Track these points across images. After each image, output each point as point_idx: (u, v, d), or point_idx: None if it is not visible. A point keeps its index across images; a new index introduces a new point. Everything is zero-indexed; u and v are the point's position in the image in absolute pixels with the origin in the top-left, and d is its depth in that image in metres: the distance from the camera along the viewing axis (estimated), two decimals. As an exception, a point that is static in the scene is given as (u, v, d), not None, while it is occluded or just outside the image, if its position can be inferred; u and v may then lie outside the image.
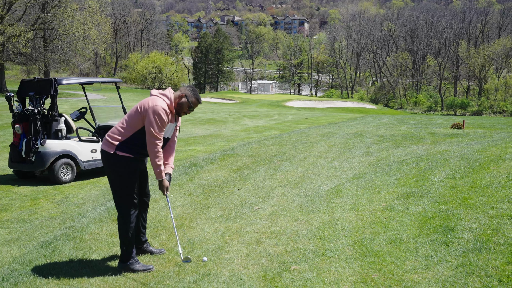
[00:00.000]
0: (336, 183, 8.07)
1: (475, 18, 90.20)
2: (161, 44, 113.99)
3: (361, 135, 14.66)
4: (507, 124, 20.47)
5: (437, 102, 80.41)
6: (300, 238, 5.44)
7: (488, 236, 4.80)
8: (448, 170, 7.87)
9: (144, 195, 5.23)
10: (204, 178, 8.98)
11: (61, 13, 46.31)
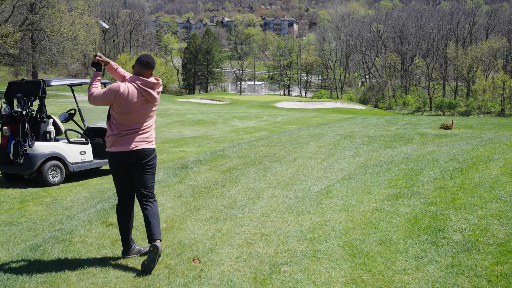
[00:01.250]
0: (326, 184, 8.08)
1: (463, 19, 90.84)
2: (150, 45, 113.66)
3: (351, 136, 14.70)
4: (495, 125, 20.62)
5: (426, 103, 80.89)
6: (291, 240, 5.45)
7: (478, 237, 4.83)
8: (437, 170, 7.92)
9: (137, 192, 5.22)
10: (194, 180, 8.96)
11: (49, 14, 46.02)
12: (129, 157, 5.04)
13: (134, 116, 4.99)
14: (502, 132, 15.75)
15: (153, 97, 5.07)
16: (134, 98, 4.95)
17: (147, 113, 5.08)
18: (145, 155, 5.05)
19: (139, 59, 5.10)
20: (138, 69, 5.08)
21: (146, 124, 5.10)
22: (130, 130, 5.00)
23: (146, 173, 5.12)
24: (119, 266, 4.96)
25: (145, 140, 5.06)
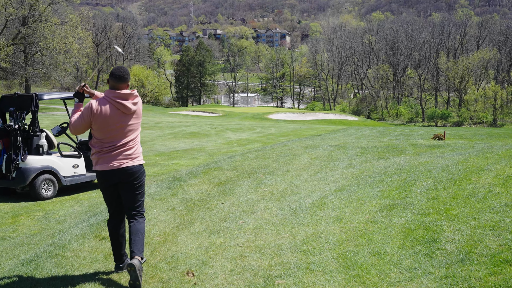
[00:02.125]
0: (320, 196, 8.08)
1: (454, 30, 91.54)
2: (143, 58, 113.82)
3: (344, 147, 14.73)
4: (487, 135, 20.73)
5: (418, 114, 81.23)
6: (285, 252, 5.43)
7: (471, 247, 4.83)
8: (430, 181, 7.94)
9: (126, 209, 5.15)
10: (187, 193, 8.93)
11: (42, 28, 46.08)
12: (114, 176, 4.92)
13: (113, 132, 4.85)
14: (494, 142, 15.84)
15: (128, 108, 4.88)
16: (108, 112, 4.80)
17: (127, 127, 4.92)
18: (131, 173, 4.93)
19: (112, 73, 4.96)
20: (112, 83, 4.93)
21: (128, 140, 4.94)
22: (111, 146, 4.87)
23: (133, 191, 5.01)
24: (112, 280, 4.93)
25: (129, 157, 4.93)
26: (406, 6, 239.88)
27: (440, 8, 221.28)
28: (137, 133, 5.06)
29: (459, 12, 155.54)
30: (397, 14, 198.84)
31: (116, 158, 4.87)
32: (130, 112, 4.92)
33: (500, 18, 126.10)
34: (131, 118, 4.94)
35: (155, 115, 49.68)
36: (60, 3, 50.26)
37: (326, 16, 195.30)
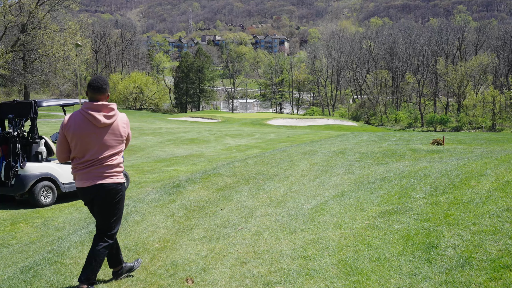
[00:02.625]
0: (319, 202, 8.08)
1: (452, 35, 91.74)
2: (142, 64, 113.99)
3: (343, 153, 14.73)
4: (486, 140, 20.74)
5: (417, 119, 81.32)
6: (284, 258, 5.42)
7: (471, 253, 4.83)
8: (430, 186, 7.93)
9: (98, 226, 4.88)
10: (186, 199, 8.92)
11: (41, 35, 46.15)
12: (90, 193, 4.67)
13: (87, 146, 4.58)
14: (494, 147, 15.85)
15: (98, 120, 4.55)
16: (80, 124, 4.57)
17: (102, 142, 4.61)
18: (106, 190, 4.64)
19: (89, 83, 4.68)
20: (90, 94, 4.66)
21: (104, 156, 4.63)
22: (87, 162, 4.60)
23: (106, 210, 4.73)
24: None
25: (104, 174, 4.63)
26: (404, 12, 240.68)
27: (438, 14, 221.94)
28: (115, 151, 4.72)
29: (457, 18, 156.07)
30: (396, 19, 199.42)
31: (93, 175, 4.61)
32: (101, 125, 4.58)
33: (498, 23, 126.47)
34: (105, 132, 4.63)
35: (154, 121, 49.70)
36: (59, 10, 50.39)
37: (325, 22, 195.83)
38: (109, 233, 4.79)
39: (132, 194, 10.69)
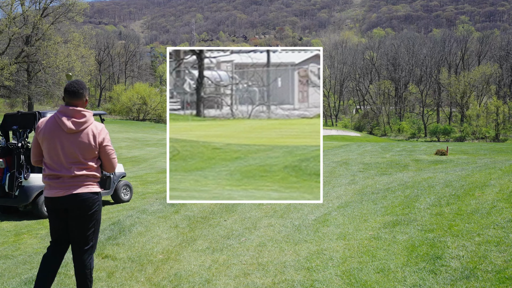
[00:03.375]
0: (323, 212, 8.06)
1: (455, 46, 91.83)
2: (145, 75, 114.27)
3: (346, 163, 14.72)
4: (489, 150, 20.70)
5: (421, 129, 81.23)
6: (288, 269, 5.40)
7: (476, 264, 4.80)
8: (434, 197, 7.91)
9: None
10: (190, 210, 8.91)
11: (45, 46, 46.41)
12: (63, 203, 4.41)
13: (55, 151, 4.37)
14: (497, 157, 15.81)
15: (65, 125, 4.33)
16: (50, 127, 4.41)
17: (69, 148, 4.37)
18: (80, 200, 4.40)
19: (65, 88, 4.50)
20: (66, 99, 4.47)
21: (75, 164, 4.39)
22: (58, 170, 4.38)
23: (83, 222, 4.49)
24: (115, 299, 4.90)
25: (79, 184, 4.40)
26: (407, 23, 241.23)
27: (440, 24, 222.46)
28: (86, 160, 4.44)
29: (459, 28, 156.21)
30: (398, 30, 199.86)
31: (66, 184, 4.37)
32: (68, 130, 4.36)
33: (501, 34, 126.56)
34: (72, 139, 4.39)
35: (157, 132, 49.77)
36: (63, 22, 50.68)
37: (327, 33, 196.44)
38: (85, 247, 4.53)
39: (136, 205, 10.70)
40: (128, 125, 60.10)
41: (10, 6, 45.84)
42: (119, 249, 6.50)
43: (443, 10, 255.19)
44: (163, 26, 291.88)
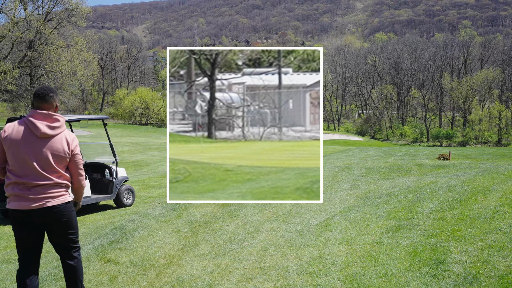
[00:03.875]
0: (325, 217, 8.05)
1: (457, 50, 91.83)
2: (148, 80, 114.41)
3: (349, 168, 14.71)
4: (492, 155, 20.66)
5: (423, 134, 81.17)
6: (290, 274, 5.39)
7: (479, 269, 4.79)
8: (436, 202, 7.90)
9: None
10: (192, 214, 8.91)
11: (48, 51, 46.49)
12: (36, 217, 4.21)
13: (24, 157, 4.15)
14: (500, 162, 15.78)
15: (39, 129, 4.14)
16: (20, 133, 4.17)
17: (40, 154, 4.17)
18: (55, 213, 4.25)
19: (34, 92, 4.32)
20: (35, 103, 4.29)
21: (53, 171, 4.23)
22: (30, 179, 4.16)
23: (62, 231, 4.38)
24: (117, 303, 4.90)
25: (53, 194, 4.24)
26: (409, 27, 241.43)
27: (443, 29, 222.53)
28: (57, 169, 4.27)
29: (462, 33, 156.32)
30: (400, 35, 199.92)
31: (35, 196, 4.16)
32: (41, 134, 4.18)
33: (503, 38, 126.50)
34: (44, 145, 4.20)
35: (159, 137, 49.81)
36: (66, 26, 50.80)
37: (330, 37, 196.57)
38: (74, 245, 4.52)
39: (138, 210, 10.70)
40: (131, 130, 60.19)
41: (13, 10, 45.97)
42: (121, 253, 6.50)
43: (446, 15, 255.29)
44: (166, 31, 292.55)
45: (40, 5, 49.52)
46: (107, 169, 11.29)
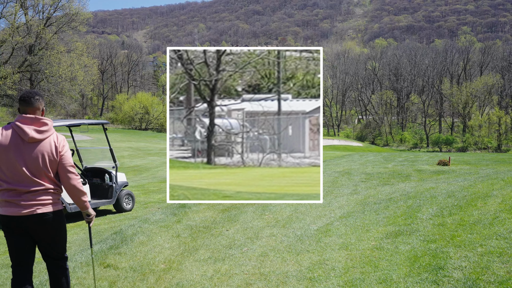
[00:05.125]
0: (325, 222, 8.05)
1: (457, 56, 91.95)
2: (148, 85, 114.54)
3: (349, 173, 14.71)
4: (492, 160, 20.68)
5: (423, 139, 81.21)
6: (290, 280, 5.39)
7: (478, 274, 4.79)
8: (436, 207, 7.90)
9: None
10: (192, 219, 8.91)
11: (48, 55, 46.54)
12: (22, 223, 4.14)
13: (13, 163, 4.07)
14: (500, 168, 15.79)
15: (26, 134, 4.07)
16: (8, 138, 4.09)
17: (29, 160, 4.10)
18: (44, 220, 4.17)
19: (20, 96, 4.25)
20: (21, 108, 4.23)
21: (43, 176, 4.17)
22: (20, 185, 4.09)
23: (49, 240, 4.33)
24: (117, 308, 4.90)
25: (43, 201, 4.16)
26: (409, 33, 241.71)
27: (442, 35, 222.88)
28: (48, 174, 4.20)
29: (461, 39, 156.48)
30: (400, 40, 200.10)
31: (25, 202, 4.09)
32: (29, 139, 4.10)
33: (503, 44, 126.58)
34: (33, 149, 4.13)
35: (159, 142, 49.84)
36: (67, 31, 50.88)
37: (330, 43, 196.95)
38: (64, 256, 4.50)
39: (138, 215, 10.69)
40: (130, 135, 60.21)
41: (13, 15, 46.05)
42: (121, 258, 6.50)
43: (445, 21, 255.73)
44: (166, 36, 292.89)
45: (41, 10, 49.64)
46: (107, 174, 11.29)
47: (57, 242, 4.36)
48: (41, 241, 4.29)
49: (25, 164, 4.08)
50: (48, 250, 4.37)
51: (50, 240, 4.31)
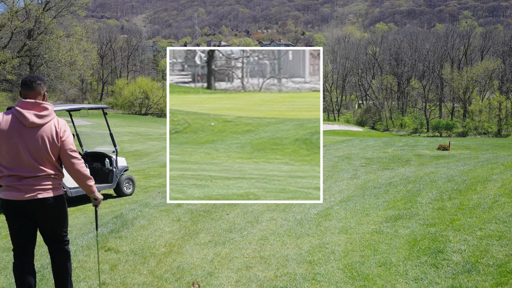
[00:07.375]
0: (325, 207, 8.07)
1: (457, 41, 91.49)
2: (147, 70, 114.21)
3: (349, 158, 14.73)
4: (492, 145, 20.69)
5: (423, 124, 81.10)
6: (290, 263, 5.42)
7: (477, 258, 4.82)
8: (436, 191, 7.92)
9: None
10: (192, 204, 8.93)
11: (48, 40, 46.33)
12: (23, 207, 4.13)
13: (14, 149, 4.04)
14: (500, 152, 15.80)
15: (27, 118, 4.03)
16: (8, 123, 4.06)
17: (30, 145, 4.07)
18: (44, 205, 4.15)
19: (22, 81, 4.22)
20: (23, 92, 4.20)
21: (45, 161, 4.14)
22: (22, 170, 4.08)
23: (51, 224, 4.32)
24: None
25: (45, 186, 4.14)
26: (410, 18, 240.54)
27: (443, 19, 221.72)
28: (49, 158, 4.17)
29: (462, 23, 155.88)
30: (401, 25, 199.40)
31: (27, 187, 4.08)
32: (29, 124, 4.06)
33: (504, 29, 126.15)
34: (34, 134, 4.09)
35: (159, 127, 49.82)
36: (66, 16, 50.61)
37: (330, 28, 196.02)
38: (66, 239, 4.48)
39: (138, 199, 10.72)
40: (130, 120, 60.18)
41: (12, 0, 45.79)
42: (122, 242, 6.53)
43: (446, 5, 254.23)
44: (166, 21, 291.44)
45: (39, -6, 49.32)
46: (107, 159, 11.30)
47: (58, 226, 4.36)
48: (42, 225, 4.29)
49: (27, 149, 4.05)
50: (49, 234, 4.37)
51: (51, 224, 4.30)
